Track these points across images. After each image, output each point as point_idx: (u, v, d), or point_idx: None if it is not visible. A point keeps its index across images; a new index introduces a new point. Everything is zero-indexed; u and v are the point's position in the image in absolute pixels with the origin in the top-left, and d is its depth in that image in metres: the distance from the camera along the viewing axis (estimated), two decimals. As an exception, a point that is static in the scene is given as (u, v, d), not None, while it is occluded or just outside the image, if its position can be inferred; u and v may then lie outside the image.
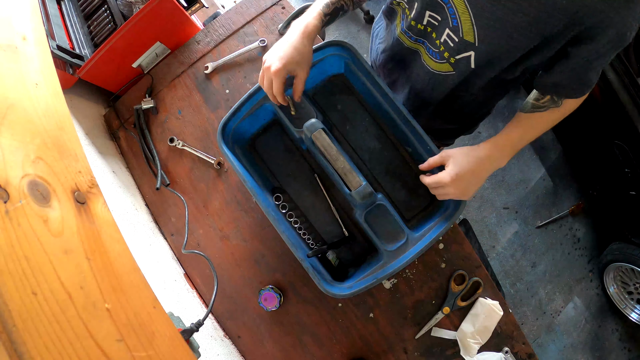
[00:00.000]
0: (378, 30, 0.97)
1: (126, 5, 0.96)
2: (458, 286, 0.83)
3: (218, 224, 0.93)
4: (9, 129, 0.40)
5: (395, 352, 0.85)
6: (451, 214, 0.71)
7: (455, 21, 0.63)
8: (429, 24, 0.69)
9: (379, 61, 0.95)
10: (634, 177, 1.53)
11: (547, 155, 1.99)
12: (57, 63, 0.87)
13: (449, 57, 0.70)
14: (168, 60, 1.01)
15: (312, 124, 0.70)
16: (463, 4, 0.60)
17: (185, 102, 0.98)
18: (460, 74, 0.72)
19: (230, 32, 0.99)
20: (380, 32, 0.95)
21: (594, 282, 1.90)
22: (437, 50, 0.72)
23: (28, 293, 0.32)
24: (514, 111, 1.95)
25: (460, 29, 0.64)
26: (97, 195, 0.48)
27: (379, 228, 0.73)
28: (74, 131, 0.51)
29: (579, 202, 1.93)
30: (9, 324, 0.30)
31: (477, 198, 1.92)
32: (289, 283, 0.89)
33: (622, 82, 1.41)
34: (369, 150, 0.83)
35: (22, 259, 0.33)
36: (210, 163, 0.94)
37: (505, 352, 0.83)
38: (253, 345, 0.90)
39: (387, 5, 0.83)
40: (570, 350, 1.82)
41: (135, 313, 0.43)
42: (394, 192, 0.83)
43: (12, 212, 0.34)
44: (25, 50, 0.50)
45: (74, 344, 0.34)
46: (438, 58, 0.73)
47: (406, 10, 0.73)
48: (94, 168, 0.52)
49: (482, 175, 0.66)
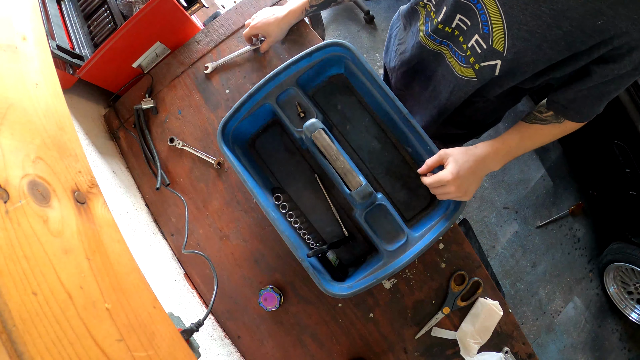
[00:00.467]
0: (397, 31, 0.93)
1: (126, 5, 0.96)
2: (458, 286, 0.83)
3: (218, 224, 0.93)
4: (9, 129, 0.40)
5: (395, 352, 0.85)
6: (451, 214, 0.71)
7: (486, 28, 0.61)
8: (457, 27, 0.67)
9: (397, 62, 0.92)
10: (634, 177, 1.53)
11: (547, 155, 1.99)
12: (57, 63, 0.87)
13: (474, 63, 0.68)
14: (168, 60, 1.01)
15: (312, 123, 0.70)
16: (497, 13, 0.58)
17: (185, 102, 0.98)
18: (482, 81, 0.70)
19: (230, 32, 0.99)
20: (399, 33, 0.92)
21: (594, 282, 1.90)
22: (463, 54, 0.70)
23: (28, 293, 0.32)
24: (516, 113, 1.96)
25: (491, 37, 0.62)
26: (97, 195, 0.48)
27: (379, 228, 0.73)
28: (74, 131, 0.51)
29: (579, 202, 1.93)
30: (9, 324, 0.30)
31: (477, 198, 1.92)
32: (289, 283, 0.89)
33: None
34: (369, 150, 0.83)
35: (22, 259, 0.33)
36: (210, 163, 0.94)
37: (505, 352, 0.83)
38: (253, 345, 0.90)
39: (410, 6, 0.79)
40: (570, 350, 1.82)
41: (135, 313, 0.43)
42: (394, 192, 0.83)
43: (12, 212, 0.34)
44: (25, 50, 0.50)
45: (74, 344, 0.34)
46: (463, 62, 0.71)
47: (432, 13, 0.70)
48: (94, 168, 0.52)
49: (480, 174, 0.67)
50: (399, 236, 0.72)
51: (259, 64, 0.96)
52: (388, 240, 0.72)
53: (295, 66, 0.75)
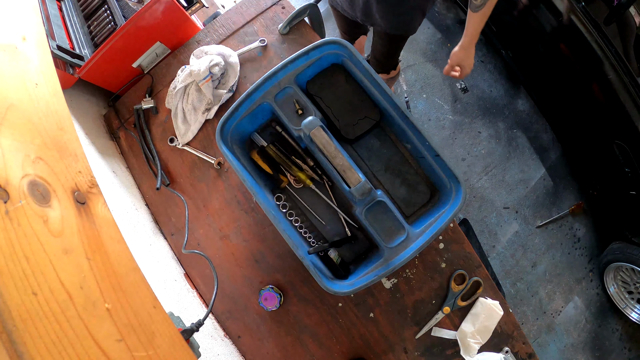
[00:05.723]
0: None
1: (126, 5, 0.96)
2: (458, 286, 0.83)
3: (218, 223, 0.93)
4: (9, 129, 0.40)
5: (396, 352, 0.85)
6: (451, 210, 0.70)
7: None
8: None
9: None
10: (634, 177, 1.53)
11: (547, 155, 1.98)
12: (57, 63, 0.87)
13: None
14: (168, 60, 1.01)
15: (310, 121, 0.70)
16: None
17: (185, 102, 0.98)
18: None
19: (230, 32, 0.99)
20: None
21: (594, 281, 1.90)
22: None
23: (28, 293, 0.32)
24: (515, 111, 1.96)
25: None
26: (97, 195, 0.48)
27: (379, 225, 0.73)
28: (74, 131, 0.51)
29: (579, 202, 1.93)
30: (9, 324, 0.30)
31: (477, 198, 1.92)
32: (289, 283, 0.89)
33: (622, 82, 1.41)
34: (367, 147, 0.83)
35: (22, 259, 0.33)
36: (210, 163, 0.94)
37: (505, 352, 0.83)
38: (253, 345, 0.90)
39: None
40: (570, 350, 1.82)
41: (135, 313, 0.43)
42: (393, 188, 0.83)
43: (12, 212, 0.34)
44: (25, 50, 0.50)
45: (74, 344, 0.34)
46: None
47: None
48: (94, 168, 0.52)
49: (473, 53, 1.02)
50: (399, 232, 0.72)
51: (259, 63, 0.96)
52: (388, 237, 0.72)
53: (292, 65, 0.75)
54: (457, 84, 2.01)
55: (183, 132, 0.95)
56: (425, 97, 1.99)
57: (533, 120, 1.99)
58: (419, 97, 1.99)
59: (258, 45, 0.95)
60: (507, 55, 1.87)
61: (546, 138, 1.99)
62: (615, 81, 1.43)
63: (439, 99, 1.99)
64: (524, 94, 2.01)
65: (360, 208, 0.72)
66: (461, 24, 2.05)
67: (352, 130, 0.79)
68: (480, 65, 2.04)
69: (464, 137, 1.96)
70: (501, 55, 1.94)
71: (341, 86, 0.79)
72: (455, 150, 1.95)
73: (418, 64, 2.02)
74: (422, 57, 2.03)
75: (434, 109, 1.98)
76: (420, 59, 2.03)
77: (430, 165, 0.74)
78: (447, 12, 2.09)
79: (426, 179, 0.82)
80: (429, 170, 0.78)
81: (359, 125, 0.79)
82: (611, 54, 1.40)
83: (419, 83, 2.00)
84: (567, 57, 1.55)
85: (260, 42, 0.95)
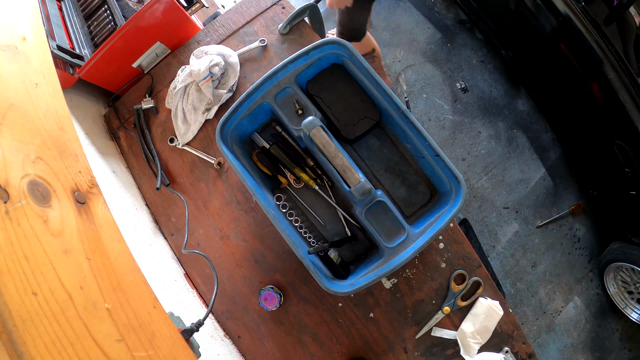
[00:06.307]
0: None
1: (126, 5, 0.96)
2: (458, 286, 0.83)
3: (218, 223, 0.93)
4: (9, 129, 0.40)
5: (396, 352, 0.85)
6: (451, 210, 0.70)
7: None
8: None
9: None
10: (634, 177, 1.53)
11: (547, 155, 1.98)
12: (57, 63, 0.87)
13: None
14: (168, 60, 1.01)
15: (310, 121, 0.70)
16: None
17: (185, 102, 0.98)
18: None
19: (231, 32, 0.99)
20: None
21: (594, 281, 1.90)
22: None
23: (28, 293, 0.32)
24: (515, 111, 1.96)
25: None
26: (97, 195, 0.48)
27: (379, 225, 0.73)
28: (74, 131, 0.51)
29: (579, 202, 1.93)
30: (9, 324, 0.30)
31: (477, 198, 1.92)
32: (289, 283, 0.89)
33: (622, 82, 1.41)
34: (367, 147, 0.83)
35: (22, 259, 0.33)
36: (210, 163, 0.94)
37: (505, 352, 0.83)
38: (253, 345, 0.90)
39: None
40: (570, 350, 1.82)
41: (135, 313, 0.43)
42: (393, 188, 0.83)
43: (12, 212, 0.34)
44: (25, 50, 0.50)
45: (74, 344, 0.34)
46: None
47: None
48: (94, 168, 0.52)
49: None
50: (400, 232, 0.72)
51: (259, 63, 0.96)
52: (388, 237, 0.72)
53: (292, 65, 0.75)
54: (457, 84, 2.01)
55: (183, 132, 0.95)
56: (425, 97, 1.99)
57: (533, 120, 1.99)
58: (419, 97, 1.99)
59: (258, 45, 0.95)
60: (507, 55, 1.87)
61: (546, 138, 1.99)
62: (615, 81, 1.43)
63: (439, 99, 1.99)
64: (524, 94, 2.01)
65: (360, 208, 0.72)
66: (461, 24, 2.05)
67: (352, 130, 0.79)
68: (480, 65, 2.04)
69: (464, 137, 1.96)
70: (501, 55, 1.94)
71: (341, 86, 0.79)
72: (455, 150, 1.95)
73: (418, 64, 2.02)
74: (422, 57, 2.03)
75: (434, 109, 1.98)
76: (420, 59, 2.02)
77: (430, 165, 0.74)
78: (447, 12, 2.09)
79: (426, 179, 0.82)
80: (429, 170, 0.78)
81: (359, 125, 0.79)
82: (611, 54, 1.40)
83: (419, 83, 2.00)
84: (567, 57, 1.55)
85: (260, 42, 0.95)
